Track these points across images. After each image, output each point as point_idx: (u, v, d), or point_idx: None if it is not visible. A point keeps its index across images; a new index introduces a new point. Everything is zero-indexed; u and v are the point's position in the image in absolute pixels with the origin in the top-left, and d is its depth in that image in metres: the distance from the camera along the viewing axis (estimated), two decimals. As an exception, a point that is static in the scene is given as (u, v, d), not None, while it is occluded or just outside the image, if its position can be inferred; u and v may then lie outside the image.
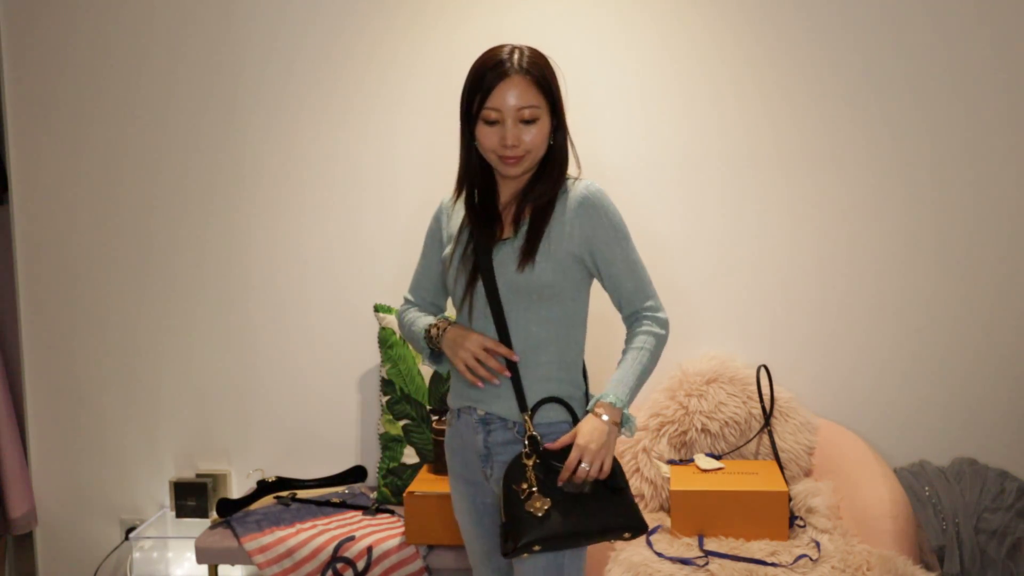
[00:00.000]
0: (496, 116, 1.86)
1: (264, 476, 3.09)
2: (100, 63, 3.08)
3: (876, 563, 2.37)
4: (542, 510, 1.81)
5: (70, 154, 3.12)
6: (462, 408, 2.00)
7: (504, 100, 1.85)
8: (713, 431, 2.86)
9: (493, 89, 1.85)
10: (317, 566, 2.65)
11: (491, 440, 1.95)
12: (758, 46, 2.92)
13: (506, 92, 1.85)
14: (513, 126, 1.86)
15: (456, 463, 2.04)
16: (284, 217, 3.09)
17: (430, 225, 2.09)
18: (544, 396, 1.91)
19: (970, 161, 2.90)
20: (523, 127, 1.87)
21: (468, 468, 2.01)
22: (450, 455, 2.06)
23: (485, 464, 1.97)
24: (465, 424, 1.99)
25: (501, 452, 1.94)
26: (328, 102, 3.04)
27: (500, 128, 1.87)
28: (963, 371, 2.96)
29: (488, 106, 1.86)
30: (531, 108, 1.86)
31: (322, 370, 3.13)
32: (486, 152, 1.91)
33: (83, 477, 3.21)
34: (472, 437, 1.98)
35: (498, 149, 1.88)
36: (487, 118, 1.87)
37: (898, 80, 2.89)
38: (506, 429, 1.94)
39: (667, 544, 2.52)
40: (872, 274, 2.96)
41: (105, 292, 3.15)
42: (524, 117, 1.86)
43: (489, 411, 1.95)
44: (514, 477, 1.85)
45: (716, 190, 2.99)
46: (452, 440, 2.05)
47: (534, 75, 1.87)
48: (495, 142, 1.88)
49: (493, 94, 1.86)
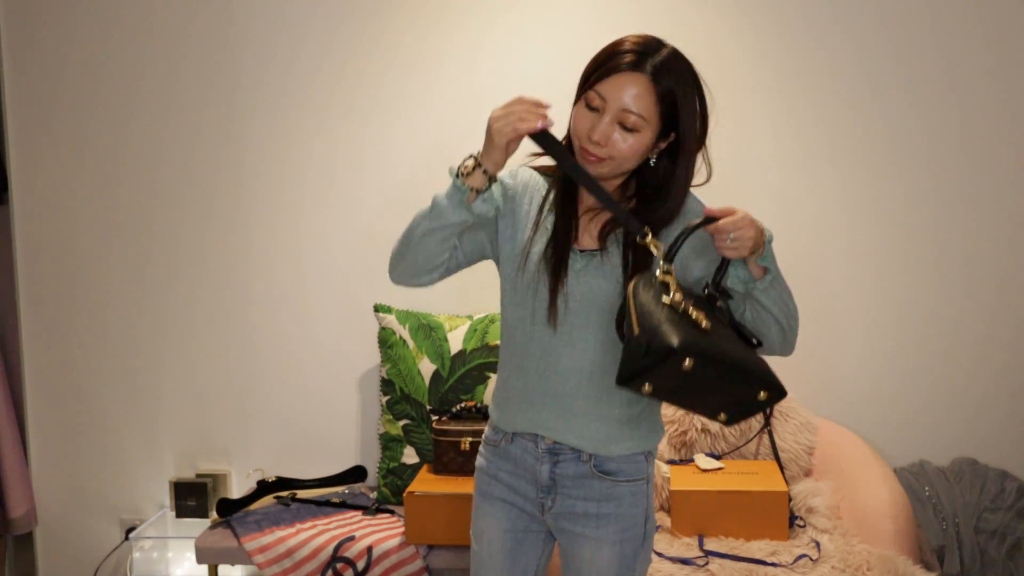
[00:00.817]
0: (598, 104, 1.62)
1: (264, 476, 3.09)
2: (100, 63, 3.07)
3: (876, 563, 2.37)
4: (704, 321, 1.54)
5: (70, 154, 3.11)
6: (520, 433, 1.78)
7: (612, 92, 1.61)
8: (713, 431, 2.86)
9: (608, 77, 1.61)
10: (317, 566, 2.65)
11: (559, 472, 1.76)
12: (761, 45, 2.92)
13: (619, 85, 1.60)
14: (608, 124, 1.62)
15: (497, 487, 1.83)
16: (284, 217, 3.09)
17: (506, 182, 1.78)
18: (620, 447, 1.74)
19: (971, 162, 2.90)
20: (619, 131, 1.63)
21: (516, 493, 1.81)
22: (487, 479, 1.84)
23: (546, 496, 1.78)
24: (522, 450, 1.78)
25: (570, 486, 1.76)
26: (328, 102, 3.04)
27: (596, 117, 1.63)
28: (963, 371, 2.96)
29: (596, 89, 1.62)
30: (636, 116, 1.61)
31: (322, 370, 3.13)
32: (573, 136, 1.68)
33: (83, 477, 3.21)
34: (533, 465, 1.77)
35: (583, 139, 1.64)
36: (589, 101, 1.63)
37: (889, 79, 2.88)
38: (579, 462, 1.75)
39: (667, 544, 2.52)
40: (872, 274, 2.96)
41: (105, 292, 3.15)
42: (625, 122, 1.62)
43: (560, 441, 1.74)
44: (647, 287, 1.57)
45: (715, 188, 2.98)
46: (495, 463, 1.82)
47: (660, 82, 1.61)
48: (585, 128, 1.64)
49: (606, 81, 1.61)
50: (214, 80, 3.06)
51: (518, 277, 1.74)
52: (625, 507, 1.76)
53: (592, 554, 1.77)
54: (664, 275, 1.58)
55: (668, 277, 1.58)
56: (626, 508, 1.76)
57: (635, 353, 1.52)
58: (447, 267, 1.78)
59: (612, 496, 1.76)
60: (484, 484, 1.84)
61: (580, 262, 1.71)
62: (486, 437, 1.86)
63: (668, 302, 1.54)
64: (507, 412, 1.80)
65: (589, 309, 1.69)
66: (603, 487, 1.76)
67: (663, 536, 2.58)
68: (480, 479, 1.86)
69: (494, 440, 1.83)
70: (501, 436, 1.81)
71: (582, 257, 1.71)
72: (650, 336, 1.50)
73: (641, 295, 1.56)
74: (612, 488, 1.76)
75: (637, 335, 1.52)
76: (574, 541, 1.79)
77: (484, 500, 1.84)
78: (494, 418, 1.84)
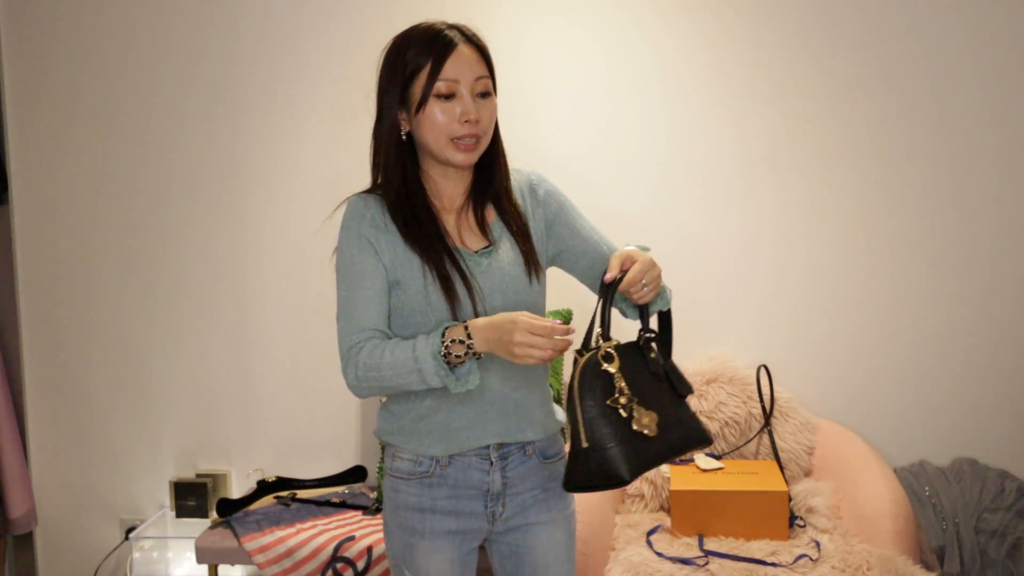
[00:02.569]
0: (451, 87, 1.61)
1: (264, 476, 3.09)
2: (100, 63, 3.07)
3: (876, 563, 2.37)
4: (651, 427, 1.55)
5: (70, 154, 3.11)
6: (461, 452, 1.69)
7: (459, 69, 1.61)
8: (713, 431, 2.86)
9: (447, 59, 1.61)
10: (317, 566, 2.65)
11: (510, 473, 1.72)
12: (765, 47, 2.92)
13: (460, 60, 1.62)
14: (471, 99, 1.62)
15: (435, 520, 1.71)
16: (284, 217, 3.09)
17: (361, 232, 1.68)
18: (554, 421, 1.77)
19: (972, 162, 2.90)
20: (480, 101, 1.64)
21: (459, 517, 1.72)
22: (419, 517, 1.71)
23: (496, 502, 1.72)
24: (464, 468, 1.70)
25: (519, 482, 1.74)
26: (330, 103, 3.04)
27: (456, 103, 1.62)
28: (963, 371, 2.96)
29: (442, 77, 1.61)
30: (484, 79, 1.64)
31: (322, 370, 3.12)
32: (435, 140, 1.64)
33: (83, 477, 3.21)
34: (480, 478, 1.70)
35: (455, 128, 1.62)
36: (440, 91, 1.61)
37: (908, 82, 2.89)
38: (525, 455, 1.74)
39: (667, 544, 2.52)
40: (872, 274, 2.96)
41: (105, 292, 3.15)
42: (479, 90, 1.64)
43: (509, 441, 1.71)
44: (592, 387, 1.55)
45: (713, 192, 2.99)
46: (427, 495, 1.70)
47: (480, 47, 1.67)
48: (449, 120, 1.62)
49: (448, 64, 1.61)
50: (217, 82, 3.06)
51: (427, 303, 1.65)
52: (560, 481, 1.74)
53: (548, 537, 1.78)
54: (606, 362, 1.57)
55: (611, 366, 1.57)
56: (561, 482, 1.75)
57: (584, 469, 1.53)
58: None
59: (552, 476, 1.78)
60: (416, 522, 1.72)
61: (480, 263, 1.69)
62: (403, 471, 1.72)
63: (611, 404, 1.55)
64: (437, 438, 1.69)
65: (505, 303, 1.68)
66: (544, 471, 1.77)
67: (663, 536, 2.58)
68: (408, 518, 1.72)
69: (420, 472, 1.71)
70: (431, 464, 1.70)
71: (479, 257, 1.69)
72: (600, 460, 1.52)
73: (587, 398, 1.54)
74: (553, 468, 1.78)
75: (586, 448, 1.52)
76: (528, 533, 1.77)
77: (422, 539, 1.72)
78: (414, 449, 1.70)
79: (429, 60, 1.62)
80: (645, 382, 1.61)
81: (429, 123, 1.63)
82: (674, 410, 1.63)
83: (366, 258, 1.67)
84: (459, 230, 1.72)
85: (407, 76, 1.64)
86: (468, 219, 1.73)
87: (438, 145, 1.65)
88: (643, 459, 1.55)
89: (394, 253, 1.67)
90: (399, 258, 1.67)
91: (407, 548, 1.74)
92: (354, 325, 1.69)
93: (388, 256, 1.68)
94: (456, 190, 1.73)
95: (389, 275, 1.68)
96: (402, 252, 1.67)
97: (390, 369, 1.62)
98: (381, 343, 1.65)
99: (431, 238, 1.67)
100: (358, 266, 1.68)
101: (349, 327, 1.69)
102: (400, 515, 1.74)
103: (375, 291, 1.68)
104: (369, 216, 1.69)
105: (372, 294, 1.67)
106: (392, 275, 1.68)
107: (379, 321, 1.68)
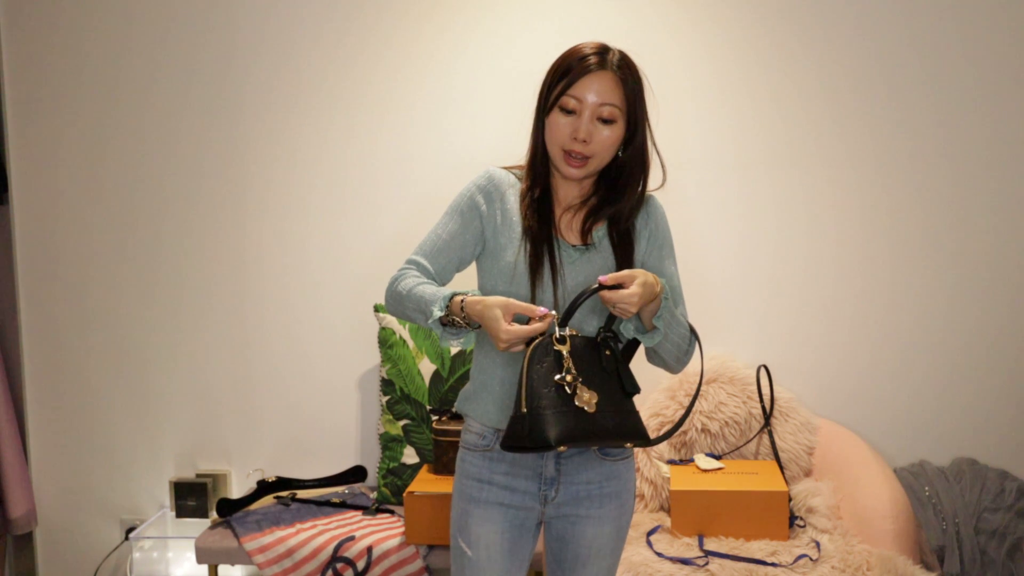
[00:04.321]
0: (575, 106, 1.76)
1: (264, 476, 3.09)
2: (100, 63, 3.07)
3: (876, 563, 2.37)
4: (591, 404, 1.67)
5: (70, 154, 3.12)
6: None
7: (587, 91, 1.76)
8: (713, 431, 2.86)
9: (580, 79, 1.76)
10: (317, 566, 2.65)
11: (564, 462, 1.82)
12: (765, 47, 2.92)
13: (592, 84, 1.76)
14: (589, 121, 1.77)
15: (491, 492, 1.84)
16: (285, 217, 3.09)
17: (471, 195, 1.87)
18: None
19: (971, 162, 2.90)
20: (598, 126, 1.77)
21: (514, 493, 1.83)
22: (478, 486, 1.84)
23: (550, 487, 1.83)
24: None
25: (574, 472, 1.82)
26: (332, 104, 3.04)
27: (575, 120, 1.77)
28: (963, 371, 2.96)
29: (570, 93, 1.76)
30: (611, 107, 1.77)
31: (322, 370, 3.13)
32: (552, 145, 1.81)
33: (83, 477, 3.21)
34: (535, 460, 1.82)
35: (566, 142, 1.78)
36: (565, 105, 1.77)
37: (907, 82, 2.89)
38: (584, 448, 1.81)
39: (667, 544, 2.52)
40: (872, 274, 2.96)
41: (105, 292, 3.15)
42: (603, 115, 1.77)
43: None
44: (541, 361, 1.67)
45: (716, 192, 2.99)
46: (488, 468, 1.84)
47: (623, 77, 1.78)
48: (565, 134, 1.78)
49: (579, 83, 1.76)
50: (219, 82, 3.06)
51: (513, 273, 1.80)
52: (623, 483, 1.87)
53: (594, 532, 1.86)
54: (559, 344, 1.68)
55: (563, 347, 1.68)
56: (623, 484, 1.87)
57: (518, 431, 1.64)
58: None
59: (612, 475, 1.85)
60: (475, 491, 1.84)
61: (572, 255, 1.82)
62: (471, 443, 1.86)
63: (558, 380, 1.66)
64: (496, 408, 1.83)
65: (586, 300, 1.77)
66: (604, 467, 1.84)
67: (663, 536, 2.58)
68: (469, 486, 1.85)
69: (483, 446, 1.84)
70: (494, 439, 1.83)
71: (574, 251, 1.82)
72: (532, 423, 1.63)
73: (535, 368, 1.66)
74: (612, 467, 1.85)
75: (524, 413, 1.64)
76: (576, 524, 1.86)
77: (477, 506, 1.84)
78: (486, 420, 1.84)
79: (568, 75, 1.78)
80: (595, 373, 1.72)
81: (550, 130, 1.81)
82: (617, 400, 1.73)
83: (464, 220, 1.86)
84: (563, 224, 1.86)
85: (553, 82, 1.80)
86: (576, 219, 1.86)
87: (552, 152, 1.82)
88: (574, 433, 1.65)
89: (504, 218, 1.84)
90: (505, 224, 1.84)
91: (463, 516, 1.86)
92: (431, 250, 1.86)
93: (498, 220, 1.85)
94: (570, 193, 1.87)
95: (489, 241, 1.85)
96: (511, 221, 1.84)
97: (411, 302, 1.80)
98: (420, 278, 1.82)
99: (540, 218, 1.82)
100: (455, 218, 1.87)
101: (427, 248, 1.87)
102: (463, 483, 1.87)
103: (450, 245, 1.85)
104: (492, 188, 1.87)
105: (444, 245, 1.85)
106: (493, 241, 1.84)
107: (432, 261, 1.86)
